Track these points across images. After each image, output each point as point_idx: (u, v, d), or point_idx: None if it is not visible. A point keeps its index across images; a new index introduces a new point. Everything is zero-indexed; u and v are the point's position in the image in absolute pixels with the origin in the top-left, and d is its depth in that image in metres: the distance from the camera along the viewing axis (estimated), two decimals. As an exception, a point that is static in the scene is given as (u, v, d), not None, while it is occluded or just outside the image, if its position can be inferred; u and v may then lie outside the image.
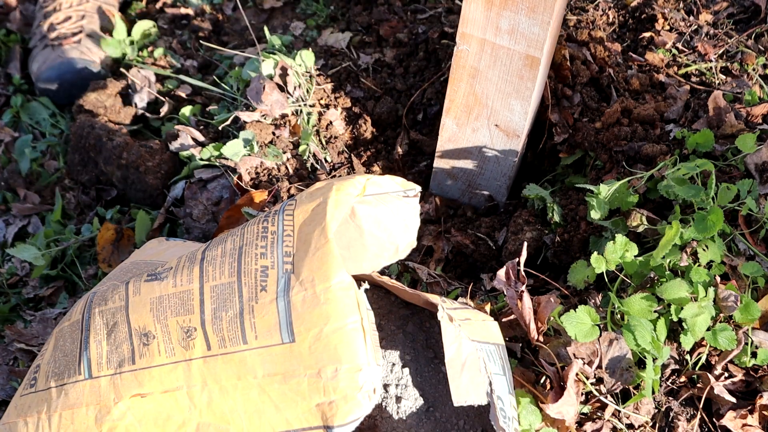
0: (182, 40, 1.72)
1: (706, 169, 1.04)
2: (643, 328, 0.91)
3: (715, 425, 0.94)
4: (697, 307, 0.91)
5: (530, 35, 1.06)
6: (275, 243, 0.81)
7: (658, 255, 0.95)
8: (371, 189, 0.85)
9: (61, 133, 1.62)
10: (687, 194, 1.00)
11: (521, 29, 1.06)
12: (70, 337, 0.86)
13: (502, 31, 1.08)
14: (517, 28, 1.06)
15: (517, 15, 1.04)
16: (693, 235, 0.96)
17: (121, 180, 1.44)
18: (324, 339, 0.75)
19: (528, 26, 1.05)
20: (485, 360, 0.83)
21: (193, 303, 0.81)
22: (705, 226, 0.96)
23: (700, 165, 1.03)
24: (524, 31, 1.06)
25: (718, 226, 0.95)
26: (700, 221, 0.96)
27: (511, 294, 0.96)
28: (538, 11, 1.03)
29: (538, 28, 1.05)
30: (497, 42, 1.09)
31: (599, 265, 0.96)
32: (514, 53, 1.09)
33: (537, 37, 1.06)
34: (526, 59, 1.09)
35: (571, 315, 0.92)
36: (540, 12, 1.03)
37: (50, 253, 1.36)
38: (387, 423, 0.88)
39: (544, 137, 1.32)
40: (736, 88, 1.30)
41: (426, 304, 0.92)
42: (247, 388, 0.77)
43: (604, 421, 0.92)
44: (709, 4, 1.53)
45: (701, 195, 0.99)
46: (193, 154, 1.39)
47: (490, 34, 1.09)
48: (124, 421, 0.79)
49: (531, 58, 1.09)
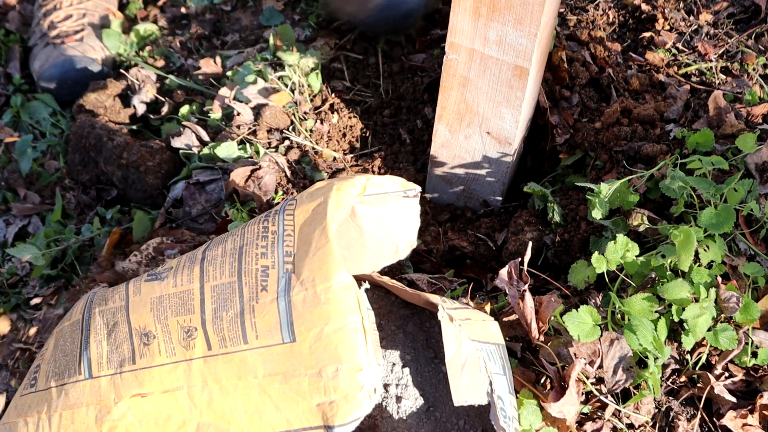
0: (182, 40, 1.72)
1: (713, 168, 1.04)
2: (645, 327, 0.91)
3: (716, 425, 0.94)
4: (698, 308, 0.91)
5: (518, 46, 1.06)
6: (276, 243, 0.81)
7: (686, 258, 0.93)
8: (371, 189, 0.85)
9: (61, 132, 1.62)
10: (700, 186, 1.00)
11: (509, 40, 1.06)
12: (71, 337, 0.86)
13: (491, 41, 1.08)
14: (505, 39, 1.06)
15: (504, 26, 1.05)
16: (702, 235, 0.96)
17: (122, 180, 1.44)
18: (325, 339, 0.75)
19: (515, 38, 1.05)
20: (485, 360, 0.83)
21: (193, 303, 0.81)
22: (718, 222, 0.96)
23: (715, 162, 1.03)
24: (512, 42, 1.06)
25: (730, 224, 0.95)
26: (709, 216, 0.96)
27: (513, 293, 0.96)
28: (524, 23, 1.03)
29: (526, 39, 1.05)
30: (486, 52, 1.09)
31: (600, 265, 0.96)
32: (503, 63, 1.10)
33: (525, 49, 1.06)
34: (515, 69, 1.09)
35: (573, 315, 0.92)
36: (527, 24, 1.03)
37: (50, 253, 1.36)
38: (387, 423, 0.88)
39: (546, 140, 1.32)
40: (736, 88, 1.30)
41: (426, 304, 0.92)
42: (247, 387, 0.77)
43: (604, 421, 0.92)
44: (709, 4, 1.53)
45: (712, 189, 1.00)
46: (194, 153, 1.39)
47: (478, 44, 1.09)
48: (124, 421, 0.79)
49: (520, 68, 1.09)
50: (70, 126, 1.58)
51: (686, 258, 0.93)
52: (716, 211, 0.97)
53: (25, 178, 1.56)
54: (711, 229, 0.96)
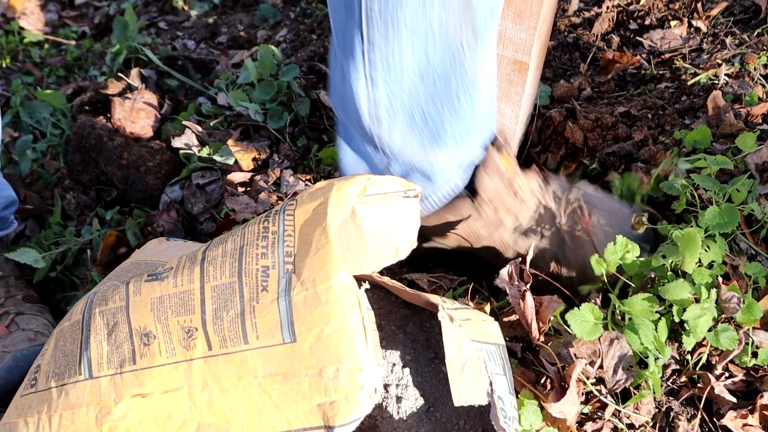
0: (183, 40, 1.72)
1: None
2: (646, 327, 0.91)
3: (716, 425, 0.94)
4: (699, 308, 0.91)
5: (517, 41, 1.06)
6: (276, 243, 0.81)
7: (690, 259, 0.93)
8: (372, 189, 0.85)
9: (61, 132, 1.62)
10: (705, 184, 1.00)
11: (508, 35, 1.06)
12: (71, 337, 0.86)
13: None
14: (504, 34, 1.06)
15: (504, 21, 1.05)
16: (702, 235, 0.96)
17: (122, 180, 1.44)
18: (325, 339, 0.75)
19: (515, 32, 1.05)
20: (486, 360, 0.83)
21: (193, 303, 0.81)
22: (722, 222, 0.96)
23: (720, 161, 1.03)
24: (511, 37, 1.06)
25: (734, 224, 0.95)
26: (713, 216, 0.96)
27: (514, 293, 0.96)
28: (524, 17, 1.03)
29: (525, 33, 1.05)
30: None
31: (599, 268, 0.96)
32: (502, 58, 1.10)
33: (524, 43, 1.06)
34: (514, 64, 1.09)
35: (575, 313, 0.92)
36: (526, 18, 1.03)
37: (51, 255, 1.35)
38: (387, 423, 0.88)
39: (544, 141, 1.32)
40: (737, 88, 1.30)
41: (426, 304, 0.92)
42: (247, 388, 0.77)
43: (604, 421, 0.92)
44: (710, 4, 1.53)
45: (716, 188, 1.00)
46: (194, 153, 1.39)
47: None
48: (124, 421, 0.79)
49: (519, 63, 1.09)
50: (70, 126, 1.58)
51: (690, 259, 0.93)
52: (720, 210, 0.97)
53: (25, 178, 1.56)
54: (715, 229, 0.96)
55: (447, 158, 0.99)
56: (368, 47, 0.87)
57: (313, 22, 1.76)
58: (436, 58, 0.88)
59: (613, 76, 1.42)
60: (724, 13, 1.50)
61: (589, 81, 1.43)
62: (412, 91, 0.91)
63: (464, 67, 0.91)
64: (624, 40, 1.51)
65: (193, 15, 1.81)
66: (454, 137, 0.96)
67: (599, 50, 1.49)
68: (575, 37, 1.53)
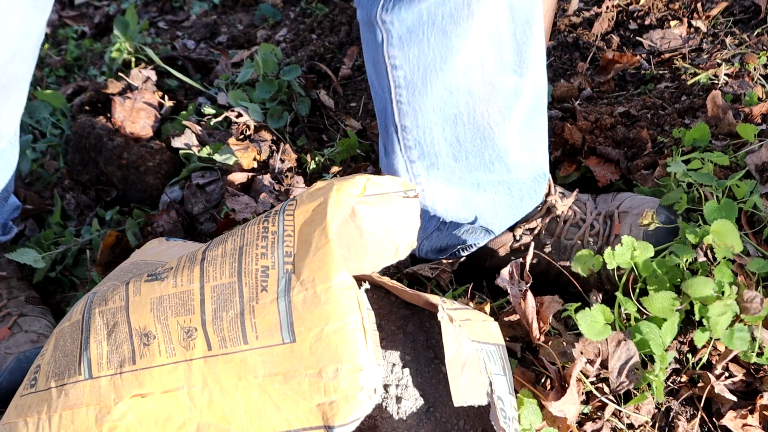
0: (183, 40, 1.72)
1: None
2: (656, 333, 0.90)
3: (716, 425, 0.94)
4: (722, 305, 0.90)
5: None
6: (276, 243, 0.81)
7: (733, 239, 0.94)
8: (371, 189, 0.85)
9: (61, 132, 1.62)
10: (702, 180, 1.01)
11: None
12: (71, 338, 0.86)
13: None
14: None
15: None
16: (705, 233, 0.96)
17: (122, 180, 1.44)
18: (325, 339, 0.75)
19: None
20: (485, 360, 0.83)
21: (193, 303, 0.81)
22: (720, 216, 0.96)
23: (715, 158, 1.03)
24: None
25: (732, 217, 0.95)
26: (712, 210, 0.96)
27: (515, 293, 0.96)
28: None
29: None
30: None
31: (611, 261, 0.95)
32: None
33: None
34: None
35: (585, 312, 0.92)
36: None
37: (50, 255, 1.35)
38: (387, 423, 0.88)
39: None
40: (736, 88, 1.30)
41: (426, 304, 0.92)
42: (247, 388, 0.77)
43: (604, 421, 0.92)
44: (710, 4, 1.53)
45: (714, 183, 1.00)
46: (194, 153, 1.39)
47: None
48: (124, 421, 0.79)
49: None
50: (70, 126, 1.58)
51: (734, 239, 0.93)
52: (719, 205, 0.97)
53: (25, 178, 1.56)
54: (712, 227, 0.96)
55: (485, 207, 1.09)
56: (402, 133, 0.99)
57: (313, 22, 1.76)
58: (466, 138, 0.98)
59: (613, 76, 1.42)
60: (724, 13, 1.50)
61: (589, 81, 1.43)
62: (447, 169, 1.02)
63: (495, 143, 0.99)
64: (624, 40, 1.51)
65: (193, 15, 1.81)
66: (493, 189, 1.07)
67: (599, 50, 1.49)
68: (575, 37, 1.53)
